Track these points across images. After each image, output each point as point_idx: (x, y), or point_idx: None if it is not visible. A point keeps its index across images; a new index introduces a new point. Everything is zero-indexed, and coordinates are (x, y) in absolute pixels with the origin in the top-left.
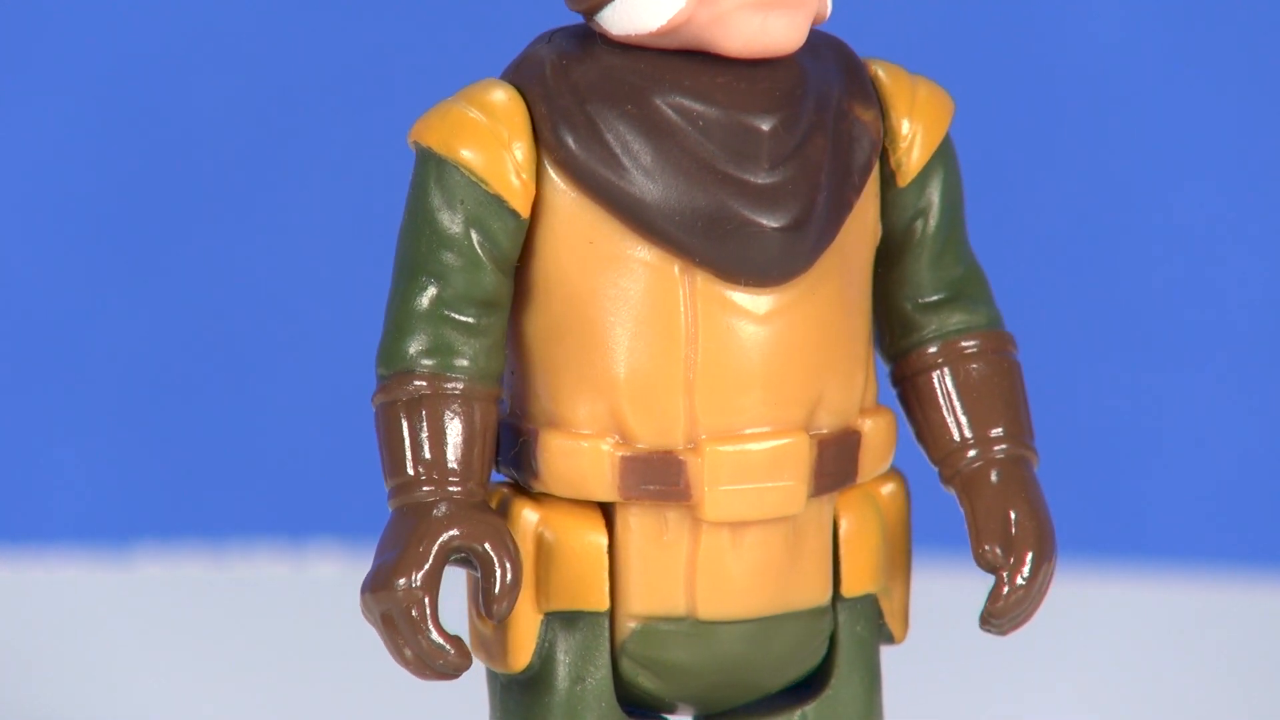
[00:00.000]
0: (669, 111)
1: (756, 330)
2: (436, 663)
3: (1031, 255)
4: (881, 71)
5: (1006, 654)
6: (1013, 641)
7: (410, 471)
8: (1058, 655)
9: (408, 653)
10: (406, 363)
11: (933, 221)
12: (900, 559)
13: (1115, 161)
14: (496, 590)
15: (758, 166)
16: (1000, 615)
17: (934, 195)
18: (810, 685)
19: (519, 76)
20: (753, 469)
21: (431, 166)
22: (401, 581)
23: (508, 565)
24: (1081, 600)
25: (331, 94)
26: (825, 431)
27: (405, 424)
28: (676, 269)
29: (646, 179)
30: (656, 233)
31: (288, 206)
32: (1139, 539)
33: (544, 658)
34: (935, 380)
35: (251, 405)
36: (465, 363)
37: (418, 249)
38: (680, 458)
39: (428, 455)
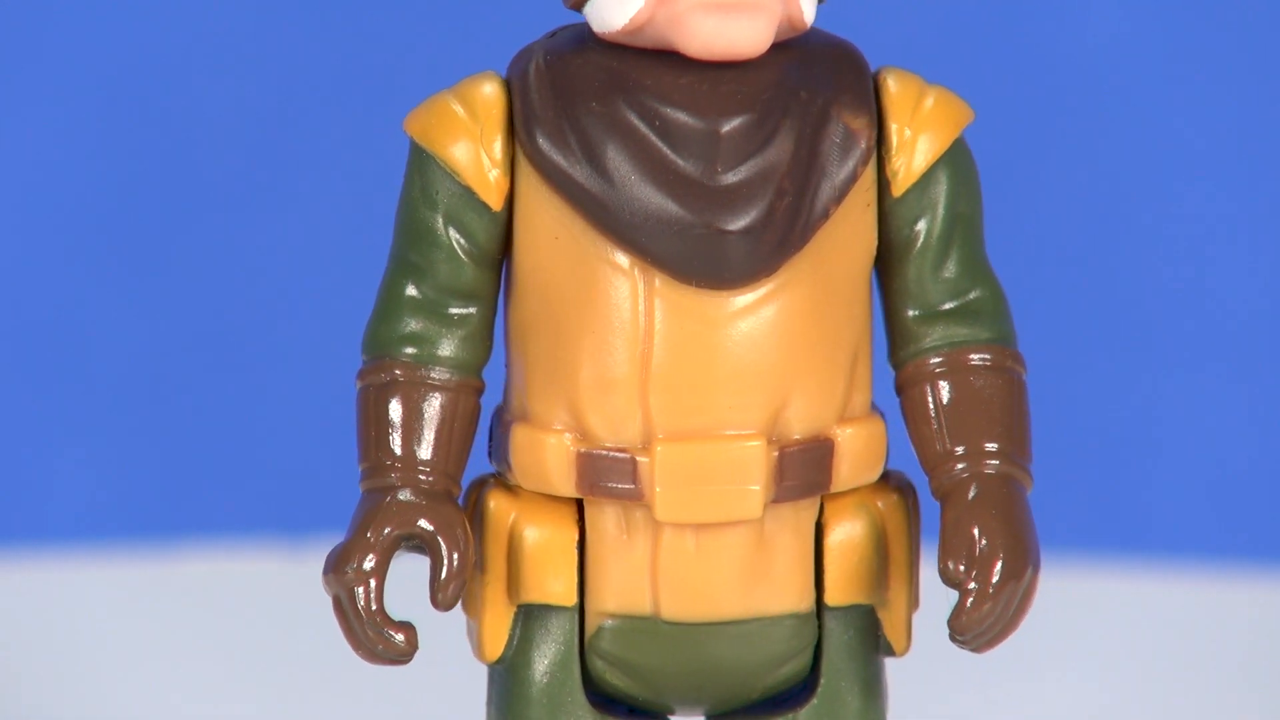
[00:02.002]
0: (630, 111)
1: (713, 333)
2: (378, 648)
3: (1033, 254)
4: (891, 79)
5: (1010, 653)
6: (1016, 640)
7: (374, 456)
8: (1059, 653)
9: (355, 637)
10: (382, 349)
11: (932, 232)
12: (900, 571)
13: (1119, 160)
14: (442, 578)
15: (712, 169)
16: (962, 632)
17: (934, 206)
18: (802, 693)
19: (511, 70)
20: (704, 471)
21: (414, 157)
22: (349, 566)
23: (454, 555)
24: (1083, 598)
25: (332, 95)
26: (793, 437)
27: (374, 410)
28: (634, 268)
29: (603, 177)
30: (612, 231)
31: (287, 206)
32: (1141, 536)
33: (516, 650)
34: (928, 391)
35: (251, 405)
36: (438, 352)
37: (401, 238)
38: (634, 456)
39: (391, 442)
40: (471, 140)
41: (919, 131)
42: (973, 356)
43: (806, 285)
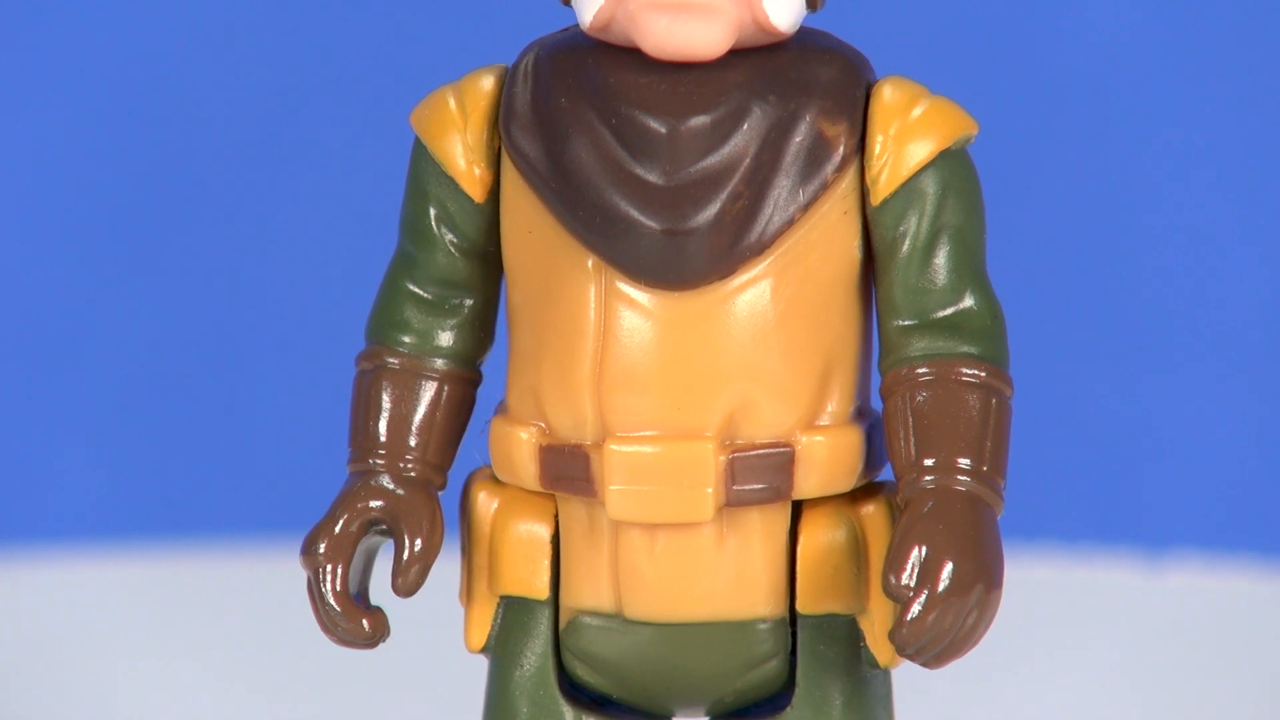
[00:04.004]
0: (592, 108)
1: (661, 332)
2: (338, 630)
3: (1034, 252)
4: (888, 88)
5: (1009, 647)
6: (1016, 635)
7: (357, 440)
8: (1059, 650)
9: (320, 618)
10: (376, 335)
11: (915, 243)
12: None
13: (1121, 160)
14: (403, 563)
15: (659, 169)
16: (901, 645)
17: (917, 215)
18: (780, 701)
19: (513, 64)
20: (648, 471)
21: (414, 149)
22: (317, 548)
23: (417, 541)
24: (1084, 593)
25: (335, 94)
26: (748, 442)
27: (361, 394)
28: (594, 265)
29: (563, 173)
30: (570, 227)
31: (290, 206)
32: (1140, 533)
33: (497, 640)
34: (899, 401)
35: (252, 404)
36: (428, 341)
37: (400, 228)
38: (587, 453)
39: (371, 426)
40: (454, 132)
41: (903, 140)
42: (952, 370)
43: (771, 290)
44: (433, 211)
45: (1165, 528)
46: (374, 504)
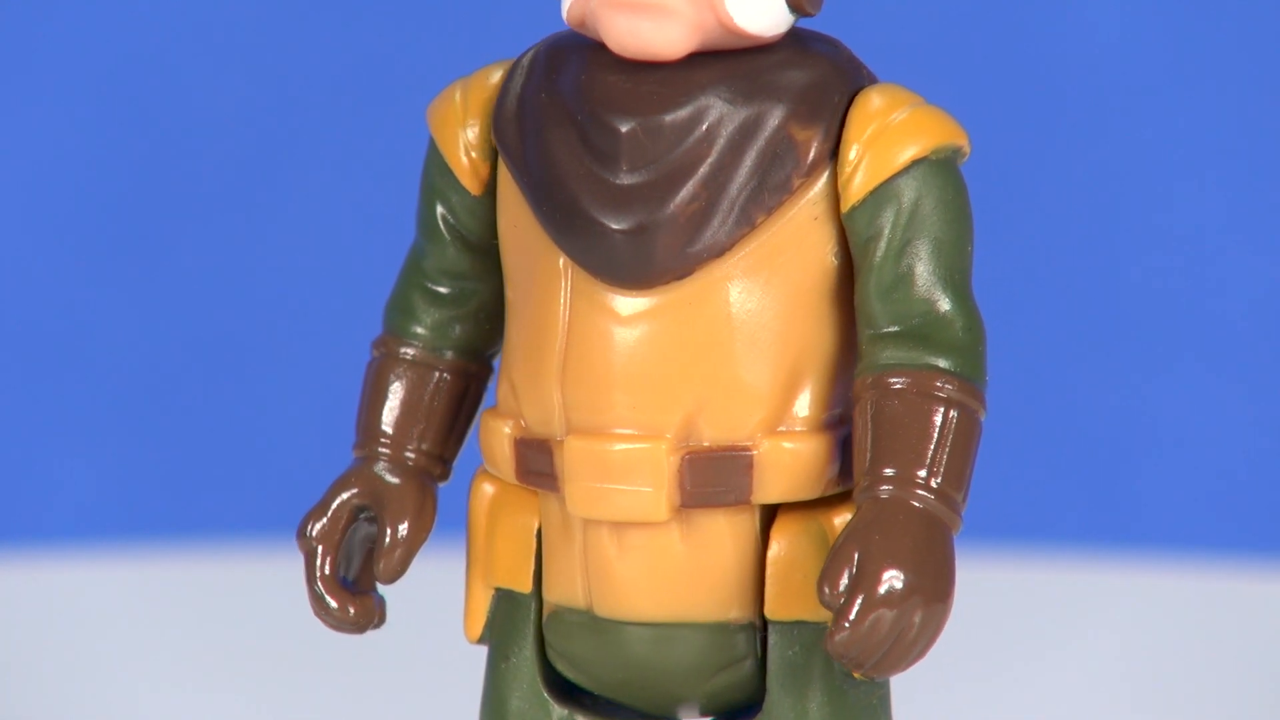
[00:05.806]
0: (564, 105)
1: (619, 331)
2: (325, 615)
3: (1034, 252)
4: (875, 94)
5: (1009, 648)
6: (1015, 635)
7: (360, 426)
8: (1059, 645)
9: (309, 599)
10: (387, 323)
11: (889, 251)
12: None
13: (1122, 160)
14: (384, 548)
15: (616, 167)
16: (836, 653)
17: (888, 224)
18: (755, 707)
19: (517, 58)
20: (604, 469)
21: (429, 143)
22: (307, 531)
23: (401, 529)
24: (1084, 593)
25: (335, 97)
26: (703, 444)
27: (366, 381)
28: (562, 263)
29: (535, 167)
30: (542, 224)
31: (289, 208)
32: (1138, 531)
33: (490, 631)
34: (865, 410)
35: (252, 404)
36: (431, 332)
37: (416, 218)
38: (552, 448)
39: (371, 414)
40: (454, 124)
41: (879, 146)
42: (918, 381)
43: (733, 293)
44: (439, 205)
45: (1165, 528)
46: (361, 490)
